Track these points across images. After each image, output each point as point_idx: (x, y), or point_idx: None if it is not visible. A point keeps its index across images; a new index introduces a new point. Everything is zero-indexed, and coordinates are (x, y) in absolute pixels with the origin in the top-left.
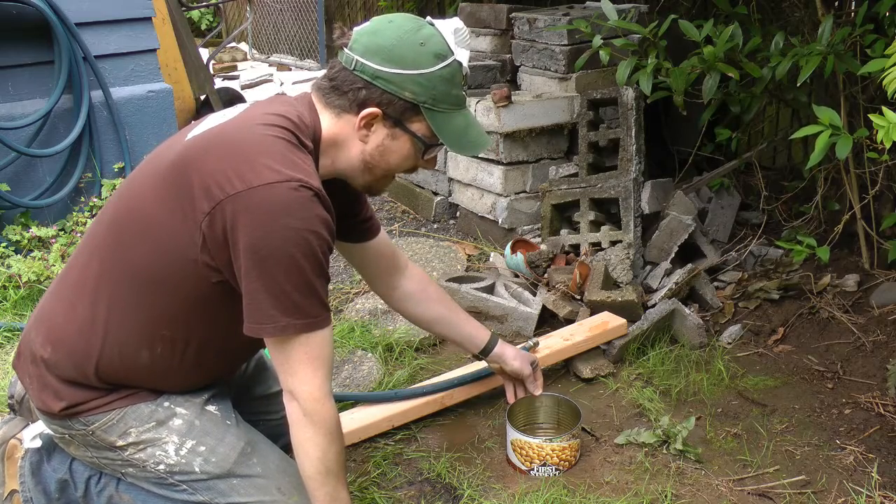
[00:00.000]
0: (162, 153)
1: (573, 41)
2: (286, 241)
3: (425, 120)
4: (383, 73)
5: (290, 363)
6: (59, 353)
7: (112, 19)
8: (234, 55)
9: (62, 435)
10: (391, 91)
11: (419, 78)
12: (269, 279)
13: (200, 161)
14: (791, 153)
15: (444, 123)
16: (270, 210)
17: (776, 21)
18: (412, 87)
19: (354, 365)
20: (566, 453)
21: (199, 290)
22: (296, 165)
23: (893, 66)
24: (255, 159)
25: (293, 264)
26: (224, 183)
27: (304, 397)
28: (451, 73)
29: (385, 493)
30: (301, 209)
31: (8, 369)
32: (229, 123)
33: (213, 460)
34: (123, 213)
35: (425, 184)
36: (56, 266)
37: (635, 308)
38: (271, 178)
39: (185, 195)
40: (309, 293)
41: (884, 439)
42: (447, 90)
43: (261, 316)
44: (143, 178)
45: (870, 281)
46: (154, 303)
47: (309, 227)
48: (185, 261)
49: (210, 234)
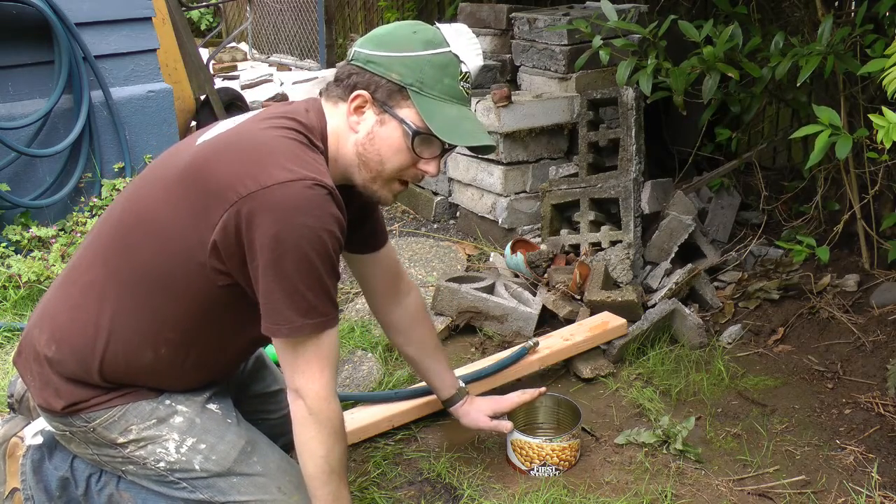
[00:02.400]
0: (171, 157)
1: (573, 41)
2: (301, 239)
3: (414, 105)
4: (373, 56)
5: (299, 362)
6: (62, 352)
7: (112, 19)
8: (234, 55)
9: (63, 432)
10: (379, 73)
11: (406, 60)
12: (285, 278)
13: (212, 164)
14: (791, 153)
15: (434, 110)
16: (286, 208)
17: (776, 21)
18: (399, 69)
19: (354, 365)
20: (566, 453)
21: (205, 294)
22: (308, 164)
23: (893, 66)
24: (268, 160)
25: (308, 263)
26: (237, 185)
27: (310, 396)
28: (442, 61)
29: (385, 493)
30: (316, 207)
31: (8, 369)
32: (239, 127)
33: (214, 458)
34: (131, 215)
35: (425, 184)
36: (56, 266)
37: (635, 308)
38: (285, 177)
39: (198, 198)
40: (322, 292)
41: (884, 439)
42: (437, 77)
43: (277, 317)
44: (152, 181)
45: (870, 281)
46: (159, 305)
47: (323, 225)
48: (193, 264)
49: (222, 237)
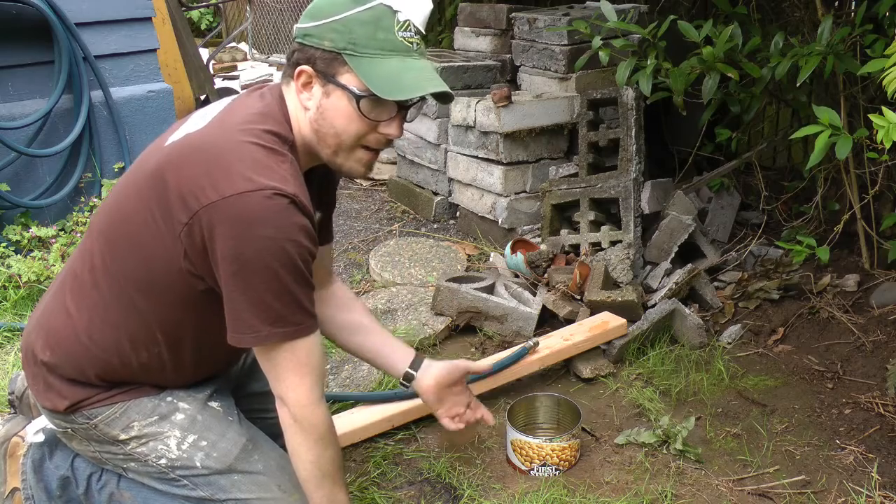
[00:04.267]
0: (144, 160)
1: (573, 41)
2: (262, 252)
3: (352, 70)
4: (307, 28)
5: (278, 370)
6: (58, 357)
7: (112, 19)
8: (234, 55)
9: (65, 429)
10: (314, 45)
11: (335, 24)
12: (249, 288)
13: (176, 169)
14: (791, 153)
15: (371, 69)
16: (244, 220)
17: (776, 21)
18: (330, 35)
19: (354, 365)
20: (566, 453)
21: (189, 297)
22: (271, 171)
23: (893, 66)
24: (230, 167)
25: (271, 274)
26: (198, 192)
27: (292, 403)
28: (372, 16)
29: (385, 493)
30: (276, 218)
31: (8, 369)
32: (206, 129)
33: (215, 455)
34: (112, 221)
35: (425, 184)
36: (56, 266)
37: (635, 308)
38: (245, 187)
39: (164, 204)
40: (290, 301)
41: (884, 439)
42: (369, 34)
43: (241, 325)
44: (127, 185)
45: (870, 281)
46: (147, 309)
47: (285, 235)
48: (173, 269)
49: (190, 244)
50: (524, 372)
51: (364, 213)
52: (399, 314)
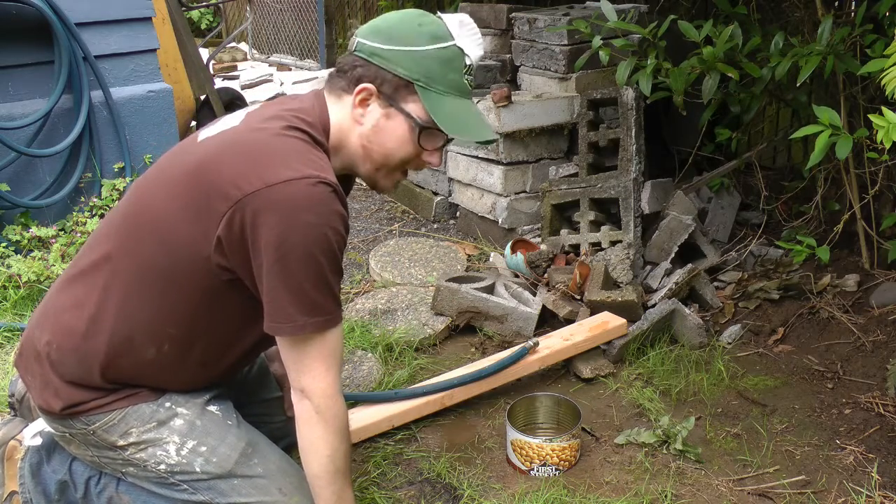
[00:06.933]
0: (174, 157)
1: (573, 41)
2: (306, 238)
3: (420, 100)
4: (378, 49)
5: (305, 361)
6: (63, 351)
7: (112, 19)
8: (234, 55)
9: (63, 434)
10: (385, 67)
11: (413, 54)
12: (289, 276)
13: (216, 162)
14: (791, 153)
15: (440, 105)
16: (290, 207)
17: (776, 21)
18: (406, 63)
19: (354, 365)
20: (566, 453)
21: (208, 289)
22: (312, 162)
23: (893, 66)
24: (272, 159)
25: (313, 261)
26: (242, 182)
27: (317, 394)
28: (448, 56)
29: (385, 493)
30: (320, 205)
31: (8, 369)
32: (243, 125)
33: (214, 460)
34: (135, 214)
35: (425, 184)
36: (56, 266)
37: (635, 308)
38: (289, 175)
39: (201, 195)
40: (326, 290)
41: (884, 439)
42: (443, 72)
43: (279, 315)
44: (154, 181)
45: (870, 281)
46: (163, 301)
47: (328, 223)
48: (197, 258)
49: (227, 234)
50: (524, 372)
51: (364, 213)
52: (399, 314)
